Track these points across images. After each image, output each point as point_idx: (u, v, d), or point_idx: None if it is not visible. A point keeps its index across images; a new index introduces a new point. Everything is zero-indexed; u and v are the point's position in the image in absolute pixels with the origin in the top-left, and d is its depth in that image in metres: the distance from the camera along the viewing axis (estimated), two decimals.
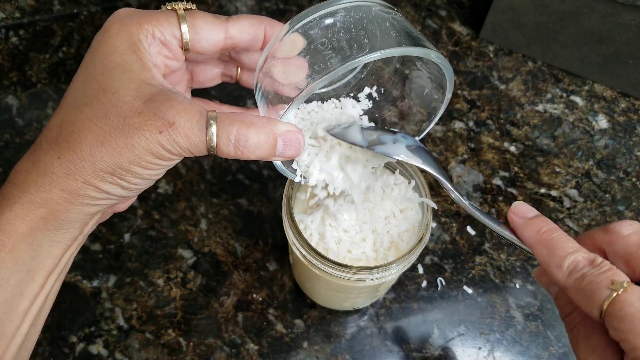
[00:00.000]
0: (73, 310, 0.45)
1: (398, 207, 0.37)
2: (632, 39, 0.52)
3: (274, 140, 0.27)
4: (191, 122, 0.25)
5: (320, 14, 0.27)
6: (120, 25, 0.27)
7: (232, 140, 0.26)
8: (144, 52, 0.27)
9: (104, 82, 0.26)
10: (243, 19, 0.29)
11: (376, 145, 0.31)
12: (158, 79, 0.27)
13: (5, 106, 0.55)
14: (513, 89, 0.59)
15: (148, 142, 0.25)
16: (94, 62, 0.27)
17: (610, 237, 0.26)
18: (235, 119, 0.26)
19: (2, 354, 0.26)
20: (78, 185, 0.26)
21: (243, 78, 0.35)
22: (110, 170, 0.25)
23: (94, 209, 0.27)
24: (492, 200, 0.51)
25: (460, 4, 0.65)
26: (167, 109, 0.25)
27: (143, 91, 0.26)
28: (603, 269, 0.24)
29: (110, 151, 0.25)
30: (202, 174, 0.52)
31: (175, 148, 0.26)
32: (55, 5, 0.62)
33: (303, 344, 0.44)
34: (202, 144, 0.26)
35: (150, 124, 0.25)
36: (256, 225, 0.49)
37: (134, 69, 0.26)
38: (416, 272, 0.48)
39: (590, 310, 0.23)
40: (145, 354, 0.43)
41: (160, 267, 0.47)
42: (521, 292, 0.47)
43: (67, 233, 0.27)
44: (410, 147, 0.31)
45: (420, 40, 0.27)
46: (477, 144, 0.55)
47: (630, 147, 0.55)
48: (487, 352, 0.44)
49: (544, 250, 0.26)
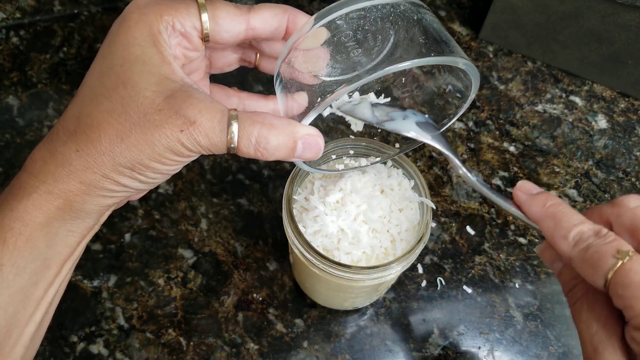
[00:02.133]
0: (74, 310, 0.45)
1: (397, 207, 0.37)
2: (631, 39, 0.52)
3: (294, 142, 0.27)
4: (212, 122, 0.25)
5: (347, 11, 0.27)
6: (139, 15, 0.26)
7: (252, 142, 0.26)
8: (164, 44, 0.26)
9: (124, 75, 0.25)
10: (266, 10, 0.29)
11: (386, 121, 0.30)
12: (178, 74, 0.26)
13: (5, 106, 0.55)
14: (512, 89, 0.59)
15: (169, 140, 0.25)
16: (112, 53, 0.26)
17: (617, 209, 0.26)
18: (257, 120, 0.26)
19: (16, 341, 0.27)
20: (96, 178, 0.26)
21: (262, 64, 0.35)
22: (129, 165, 0.25)
23: (111, 200, 0.27)
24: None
25: (460, 4, 0.65)
26: (189, 107, 0.25)
27: (163, 86, 0.25)
28: (609, 239, 0.24)
29: (130, 147, 0.25)
30: (203, 174, 0.52)
31: (196, 146, 0.26)
32: (55, 6, 0.62)
33: (303, 344, 0.44)
34: (222, 144, 0.26)
35: (171, 122, 0.25)
36: (256, 225, 0.50)
37: (154, 63, 0.26)
38: (416, 272, 0.48)
39: (594, 279, 0.23)
40: (146, 353, 0.44)
41: (161, 267, 0.47)
42: (521, 291, 0.47)
43: (83, 223, 0.27)
44: (420, 124, 0.31)
45: (449, 45, 0.27)
46: (477, 144, 0.55)
47: (630, 147, 0.55)
48: (487, 351, 0.45)
49: (549, 223, 0.26)
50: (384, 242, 0.36)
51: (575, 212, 0.26)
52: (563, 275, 0.28)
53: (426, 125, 0.31)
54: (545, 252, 0.29)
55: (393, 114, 0.31)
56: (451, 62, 0.26)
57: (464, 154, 0.54)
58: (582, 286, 0.26)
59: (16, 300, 0.26)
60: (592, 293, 0.25)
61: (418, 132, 0.30)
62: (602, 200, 0.52)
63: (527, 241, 0.50)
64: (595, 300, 0.25)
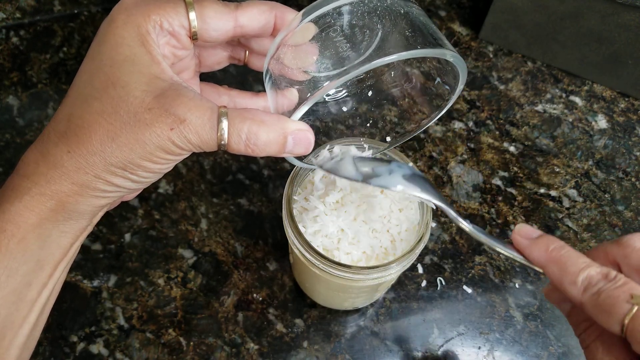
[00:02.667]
0: (74, 310, 0.45)
1: (397, 207, 0.37)
2: (631, 39, 0.52)
3: (284, 138, 0.27)
4: (202, 119, 0.25)
5: (335, 5, 0.27)
6: (127, 16, 0.26)
7: (243, 138, 0.26)
8: (153, 44, 0.26)
9: (113, 76, 0.26)
10: (253, 7, 0.29)
11: (371, 178, 0.30)
12: (168, 73, 0.27)
13: (5, 106, 0.55)
14: (512, 89, 0.59)
15: (159, 139, 0.25)
16: (101, 54, 0.26)
17: (623, 250, 0.25)
18: (246, 117, 0.26)
19: (10, 343, 0.27)
20: (89, 178, 0.26)
21: (251, 61, 0.35)
22: (121, 165, 0.26)
23: (104, 201, 0.27)
24: (492, 200, 0.52)
25: (460, 4, 0.65)
26: (178, 105, 0.25)
27: (153, 86, 0.26)
28: (619, 282, 0.23)
29: (122, 147, 0.25)
30: (203, 174, 0.52)
31: (186, 144, 0.26)
32: (55, 6, 0.62)
33: (303, 344, 0.44)
34: (212, 141, 0.26)
35: (161, 121, 0.25)
36: (256, 225, 0.50)
37: (143, 62, 0.26)
38: (416, 272, 0.48)
39: (610, 325, 0.23)
40: (146, 353, 0.44)
41: (161, 267, 0.47)
42: (521, 291, 0.47)
43: (76, 224, 0.27)
44: (406, 176, 0.30)
45: (436, 37, 0.27)
46: (477, 144, 0.55)
47: (630, 147, 0.55)
48: (487, 351, 0.45)
49: (554, 268, 0.26)
50: (384, 242, 0.36)
51: (579, 254, 0.26)
52: (573, 317, 0.27)
53: (413, 178, 0.30)
54: (551, 294, 0.29)
55: (378, 169, 0.30)
56: (439, 54, 0.26)
57: (464, 153, 0.54)
58: (595, 328, 0.26)
59: (9, 302, 0.26)
60: (608, 336, 0.25)
61: (406, 186, 0.30)
62: (602, 200, 0.52)
63: None
64: (611, 343, 0.25)
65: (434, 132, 0.55)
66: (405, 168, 0.31)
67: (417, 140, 0.55)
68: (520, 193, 0.52)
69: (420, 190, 0.30)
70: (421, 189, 0.30)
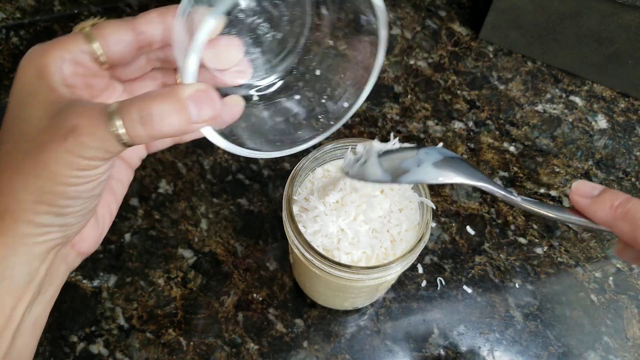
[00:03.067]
0: (73, 310, 0.45)
1: (397, 206, 0.37)
2: (631, 39, 0.53)
3: (181, 105, 0.24)
4: (92, 119, 0.23)
5: None
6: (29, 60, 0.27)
7: (137, 119, 0.23)
8: (51, 75, 0.26)
9: (17, 115, 0.26)
10: (151, 12, 0.28)
11: (401, 175, 0.27)
12: (66, 97, 0.26)
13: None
14: (512, 89, 0.59)
15: (57, 154, 0.23)
16: (10, 102, 0.27)
17: None
18: (135, 97, 0.24)
19: None
20: (7, 225, 0.24)
21: None
22: (34, 198, 0.24)
23: (37, 249, 0.25)
24: (492, 200, 0.52)
25: (459, 4, 0.65)
26: (68, 116, 0.24)
27: (50, 111, 0.25)
28: None
29: (27, 177, 0.24)
30: (203, 174, 0.52)
31: (86, 150, 0.24)
32: (55, 6, 0.62)
33: (303, 344, 0.44)
34: (109, 134, 0.24)
35: (55, 135, 0.24)
36: (256, 225, 0.50)
37: (42, 92, 0.26)
38: (416, 272, 0.48)
39: None
40: (146, 353, 0.44)
41: (161, 267, 0.47)
42: (521, 291, 0.47)
43: (10, 283, 0.25)
44: (437, 163, 0.27)
45: None
46: (477, 144, 0.55)
47: (630, 147, 0.55)
48: (487, 351, 0.45)
49: (624, 225, 0.24)
50: (384, 242, 0.36)
51: None
52: None
53: (445, 162, 0.27)
54: (623, 252, 0.27)
55: (405, 163, 0.28)
56: None
57: (464, 153, 0.54)
58: None
59: None
60: None
61: (443, 175, 0.27)
62: None
63: (527, 241, 0.50)
64: None
65: (434, 132, 0.55)
66: (434, 153, 0.28)
67: (417, 140, 0.55)
68: (520, 193, 0.52)
69: (456, 175, 0.27)
70: (456, 173, 0.27)
